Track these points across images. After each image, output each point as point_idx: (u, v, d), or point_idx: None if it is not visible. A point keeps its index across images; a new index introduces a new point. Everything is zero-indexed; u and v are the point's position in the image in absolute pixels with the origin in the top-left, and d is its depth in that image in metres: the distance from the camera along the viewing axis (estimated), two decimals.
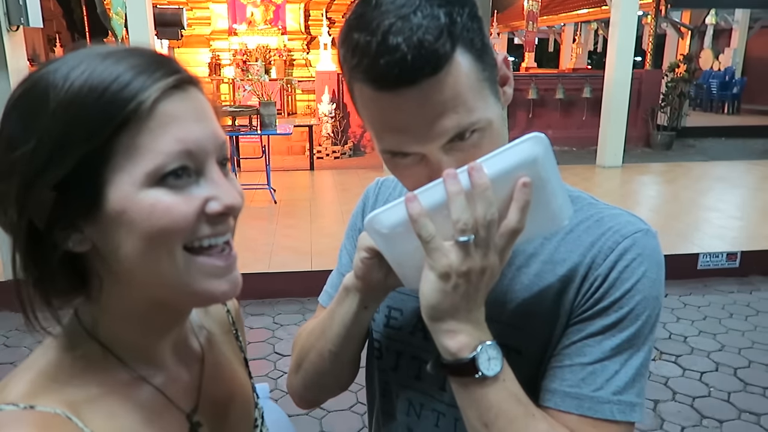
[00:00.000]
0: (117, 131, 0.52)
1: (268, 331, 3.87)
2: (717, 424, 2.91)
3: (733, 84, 15.33)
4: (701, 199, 6.94)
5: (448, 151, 0.66)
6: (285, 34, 12.40)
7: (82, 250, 0.56)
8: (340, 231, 1.03)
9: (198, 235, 0.56)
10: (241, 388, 0.79)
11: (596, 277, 0.72)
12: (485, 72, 0.66)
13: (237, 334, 0.85)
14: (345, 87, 0.73)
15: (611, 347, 0.70)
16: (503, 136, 0.72)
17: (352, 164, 9.10)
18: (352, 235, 0.99)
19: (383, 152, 0.69)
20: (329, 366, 0.83)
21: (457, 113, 0.63)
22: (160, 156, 0.53)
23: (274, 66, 12.00)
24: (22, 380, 0.56)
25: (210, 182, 0.56)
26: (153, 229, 0.54)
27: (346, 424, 2.88)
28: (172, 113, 0.54)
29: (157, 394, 0.64)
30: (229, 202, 0.57)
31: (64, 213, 0.53)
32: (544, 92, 10.38)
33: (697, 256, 4.77)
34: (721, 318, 4.09)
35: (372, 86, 0.62)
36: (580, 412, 0.69)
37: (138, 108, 0.52)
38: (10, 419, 0.52)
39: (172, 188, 0.54)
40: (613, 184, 7.65)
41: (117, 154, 0.52)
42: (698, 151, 10.54)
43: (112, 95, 0.52)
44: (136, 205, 0.53)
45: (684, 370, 3.40)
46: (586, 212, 0.78)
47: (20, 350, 3.57)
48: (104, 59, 0.54)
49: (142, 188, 0.53)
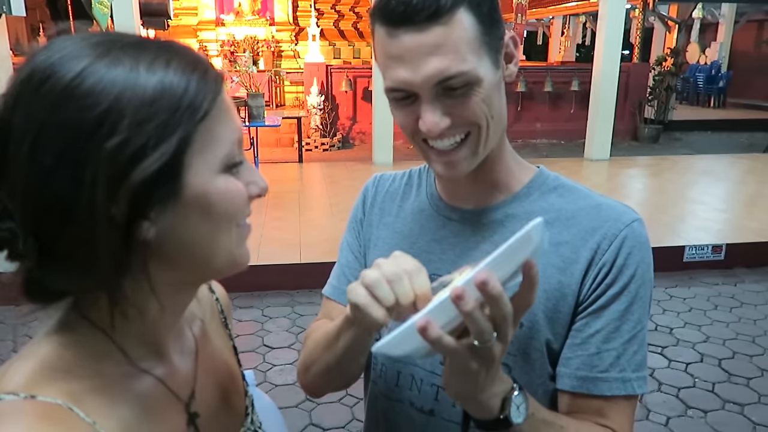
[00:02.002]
0: (200, 121, 0.56)
1: (257, 324, 3.86)
2: (702, 414, 2.95)
3: (719, 78, 15.47)
4: (687, 191, 7.00)
5: (438, 96, 0.74)
6: (273, 25, 12.31)
7: (148, 238, 0.56)
8: (329, 223, 1.03)
9: (246, 212, 0.64)
10: (232, 377, 0.80)
11: (604, 262, 0.79)
12: (487, 37, 0.74)
13: (226, 322, 0.86)
14: (334, 79, 0.77)
15: (628, 330, 0.79)
16: (498, 108, 0.78)
17: (341, 157, 9.08)
18: (353, 227, 1.02)
19: (386, 91, 0.78)
20: (335, 374, 0.87)
21: (449, 58, 0.71)
22: (228, 144, 0.59)
23: (262, 57, 11.92)
24: (22, 369, 0.56)
25: (247, 167, 0.64)
26: (228, 211, 0.60)
27: (336, 416, 2.89)
28: (228, 104, 0.61)
29: (158, 384, 0.64)
30: (264, 185, 0.66)
31: (146, 202, 0.54)
32: (532, 85, 10.40)
33: (683, 249, 4.82)
34: (706, 310, 4.14)
35: (384, 23, 0.73)
36: (611, 393, 0.78)
37: (215, 99, 0.58)
38: (11, 409, 0.52)
39: (234, 174, 0.61)
40: (601, 177, 7.70)
41: (197, 142, 0.56)
42: (684, 144, 10.64)
43: (195, 88, 0.56)
44: (215, 189, 0.58)
45: (670, 361, 3.45)
46: (583, 200, 0.86)
47: (5, 343, 3.54)
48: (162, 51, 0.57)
49: (217, 174, 0.59)
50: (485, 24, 0.73)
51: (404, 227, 0.94)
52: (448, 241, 0.89)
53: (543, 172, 0.90)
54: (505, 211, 0.86)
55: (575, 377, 0.79)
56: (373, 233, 0.98)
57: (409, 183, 0.99)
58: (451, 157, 0.78)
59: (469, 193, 0.88)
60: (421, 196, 0.95)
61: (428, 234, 0.91)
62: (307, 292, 4.27)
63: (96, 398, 0.57)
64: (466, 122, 0.76)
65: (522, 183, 0.88)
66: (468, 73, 0.72)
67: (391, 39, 0.73)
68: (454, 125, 0.76)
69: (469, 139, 0.78)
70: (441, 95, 0.74)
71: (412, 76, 0.73)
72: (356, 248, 1.00)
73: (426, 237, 0.91)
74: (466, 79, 0.72)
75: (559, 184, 0.88)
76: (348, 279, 0.98)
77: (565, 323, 0.81)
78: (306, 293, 4.27)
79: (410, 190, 0.98)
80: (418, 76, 0.72)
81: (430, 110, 0.74)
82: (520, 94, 10.35)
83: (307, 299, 4.21)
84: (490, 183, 0.87)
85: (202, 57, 0.60)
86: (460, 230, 0.88)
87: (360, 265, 0.98)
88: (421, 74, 0.72)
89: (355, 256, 0.99)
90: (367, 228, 0.99)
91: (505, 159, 0.87)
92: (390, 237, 0.95)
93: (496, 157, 0.85)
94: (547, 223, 0.82)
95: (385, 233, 0.96)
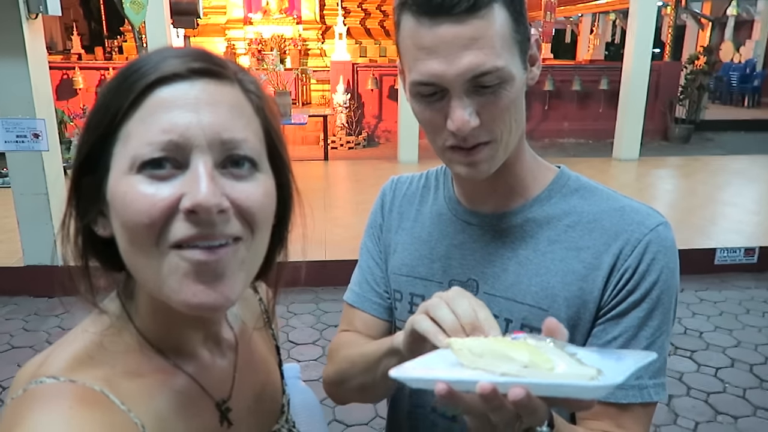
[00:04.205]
0: (124, 119, 0.54)
1: (282, 320, 3.89)
2: (732, 420, 2.88)
3: (753, 77, 15.05)
4: (719, 193, 6.84)
5: (469, 93, 0.71)
6: (300, 24, 12.37)
7: (105, 235, 0.57)
8: (354, 221, 1.03)
9: (175, 233, 0.51)
10: (271, 377, 0.80)
11: (626, 268, 0.77)
12: (518, 35, 0.72)
13: (269, 322, 0.86)
14: (360, 77, 0.76)
15: (646, 337, 0.77)
16: (521, 111, 0.76)
17: (366, 155, 9.10)
18: (372, 233, 1.01)
19: (412, 85, 0.73)
20: (370, 393, 0.87)
21: (485, 53, 0.68)
22: (143, 145, 0.52)
23: (289, 56, 11.99)
24: (62, 355, 0.58)
25: (191, 177, 0.51)
26: (125, 218, 0.52)
27: (359, 413, 2.90)
28: (165, 101, 0.53)
29: (191, 381, 0.65)
30: (196, 199, 0.50)
31: (91, 196, 0.56)
32: (560, 84, 10.27)
33: (714, 251, 4.72)
34: (737, 314, 4.05)
35: (416, 12, 0.70)
36: (627, 401, 0.76)
37: (145, 95, 0.53)
38: (51, 391, 0.54)
39: (152, 178, 0.51)
40: (629, 177, 7.57)
41: (118, 141, 0.54)
42: (717, 144, 10.39)
43: (126, 83, 0.54)
44: (117, 192, 0.53)
45: (699, 365, 3.37)
46: (606, 202, 0.83)
47: (39, 334, 3.63)
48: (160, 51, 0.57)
49: (126, 175, 0.52)
50: (517, 21, 0.71)
51: (423, 232, 0.93)
52: (467, 246, 0.88)
53: (564, 172, 0.88)
54: (525, 216, 0.85)
55: None
56: (393, 238, 0.97)
57: (426, 185, 0.98)
58: (473, 158, 0.76)
59: (489, 197, 0.86)
60: (439, 200, 0.94)
61: (447, 239, 0.90)
62: (332, 289, 4.30)
63: (131, 388, 0.58)
64: (492, 127, 0.73)
65: (542, 185, 0.86)
66: (502, 70, 0.70)
67: (424, 30, 0.70)
68: (482, 127, 0.73)
69: (491, 141, 0.76)
70: (471, 92, 0.71)
71: (445, 69, 0.69)
72: (376, 253, 0.99)
73: (445, 242, 0.90)
74: (499, 75, 0.70)
75: (580, 186, 0.86)
76: (370, 285, 0.97)
77: (586, 331, 0.79)
78: (330, 290, 4.30)
79: (428, 193, 0.96)
80: (452, 70, 0.69)
81: (460, 106, 0.71)
82: (548, 93, 10.22)
83: (332, 296, 4.23)
84: (509, 186, 0.85)
85: (180, 54, 0.56)
86: (480, 235, 0.87)
87: (381, 270, 0.97)
88: (456, 67, 0.69)
89: (376, 262, 0.98)
90: (387, 233, 0.98)
91: (525, 161, 0.85)
92: (409, 242, 0.94)
93: (515, 159, 0.83)
94: (567, 226, 0.82)
95: (404, 238, 0.95)
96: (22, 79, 3.72)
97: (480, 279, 0.85)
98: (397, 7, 0.74)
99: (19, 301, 4.04)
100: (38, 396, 0.53)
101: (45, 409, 0.51)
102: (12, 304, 4.03)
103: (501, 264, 0.84)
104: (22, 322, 3.81)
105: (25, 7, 3.68)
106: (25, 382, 0.55)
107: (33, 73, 3.78)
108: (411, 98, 0.76)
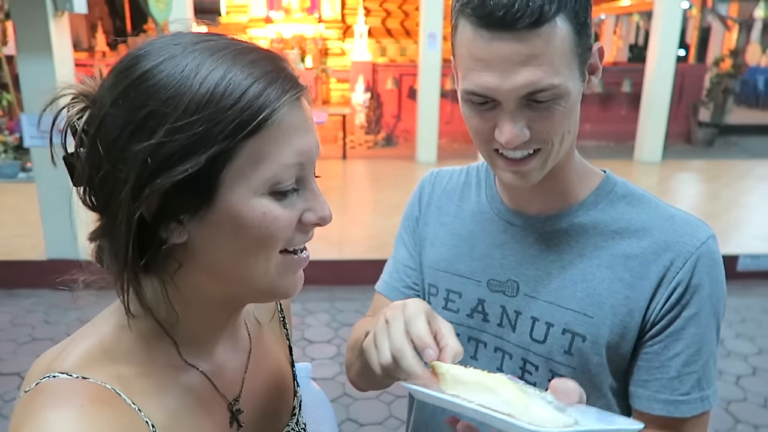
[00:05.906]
0: (247, 137, 0.53)
1: (298, 318, 3.91)
2: (752, 429, 2.83)
3: None
4: (743, 198, 6.72)
5: (521, 107, 0.69)
6: (321, 23, 12.42)
7: (178, 242, 0.56)
8: (371, 221, 1.03)
9: (294, 242, 0.60)
10: (282, 377, 0.80)
11: (678, 282, 0.76)
12: (579, 48, 0.69)
13: (284, 322, 0.86)
14: (379, 77, 0.75)
15: (707, 351, 0.77)
16: (575, 122, 0.74)
17: (385, 154, 9.09)
18: (408, 224, 1.01)
19: (464, 92, 0.73)
20: (368, 378, 0.85)
21: (542, 70, 0.66)
22: (280, 167, 0.56)
23: (310, 54, 12.04)
24: (76, 350, 0.58)
25: (309, 193, 0.60)
26: (261, 236, 0.57)
27: (373, 412, 2.90)
28: (293, 125, 0.56)
29: (204, 380, 0.65)
30: (324, 214, 0.61)
31: (175, 206, 0.54)
32: None
33: (737, 258, 4.63)
34: (760, 321, 3.97)
35: (475, 22, 0.67)
36: (691, 414, 0.77)
37: (270, 117, 0.53)
38: (64, 388, 0.54)
39: (279, 198, 0.57)
40: (651, 180, 7.46)
41: (241, 158, 0.54)
42: (741, 148, 10.20)
43: (248, 102, 0.53)
44: (249, 211, 0.55)
45: (720, 373, 3.31)
46: (654, 211, 0.82)
47: (59, 326, 3.69)
48: (234, 59, 0.54)
49: (256, 196, 0.55)
50: (579, 34, 0.69)
51: (463, 229, 0.92)
52: (509, 246, 0.86)
53: (610, 178, 0.86)
54: (570, 221, 0.83)
55: (655, 400, 0.78)
56: (429, 232, 0.96)
57: (467, 182, 0.97)
58: (521, 167, 0.75)
59: (533, 199, 0.85)
60: (481, 197, 0.93)
61: (489, 238, 0.89)
62: (347, 288, 4.30)
63: (144, 386, 0.59)
64: (544, 138, 0.72)
65: (589, 190, 0.84)
66: (558, 87, 0.68)
67: (481, 41, 0.67)
68: (532, 140, 0.72)
69: (541, 150, 0.74)
70: (524, 106, 0.70)
71: (499, 84, 0.68)
72: (411, 245, 0.99)
73: (487, 241, 0.89)
74: (555, 92, 0.68)
75: (627, 192, 0.85)
76: (401, 276, 0.98)
77: (632, 339, 0.79)
78: (346, 289, 4.30)
79: (469, 190, 0.95)
80: (507, 85, 0.68)
81: (510, 121, 0.70)
82: None
83: (347, 295, 4.23)
84: (556, 190, 0.84)
85: (275, 69, 0.56)
86: (523, 236, 0.86)
87: (415, 262, 0.97)
88: (510, 84, 0.67)
89: (410, 254, 0.98)
90: (423, 226, 0.98)
91: (573, 165, 0.84)
92: (448, 238, 0.93)
93: (564, 164, 0.81)
94: (615, 233, 0.81)
95: (443, 233, 0.94)
96: (48, 76, 3.77)
97: (521, 280, 0.84)
98: (455, 10, 0.71)
99: (41, 293, 4.11)
100: (50, 392, 0.53)
101: (56, 407, 0.52)
102: (34, 296, 4.11)
103: (544, 267, 0.83)
104: (43, 314, 3.88)
105: (51, 5, 3.74)
106: (38, 376, 0.56)
107: (59, 69, 3.84)
108: (461, 102, 0.75)
